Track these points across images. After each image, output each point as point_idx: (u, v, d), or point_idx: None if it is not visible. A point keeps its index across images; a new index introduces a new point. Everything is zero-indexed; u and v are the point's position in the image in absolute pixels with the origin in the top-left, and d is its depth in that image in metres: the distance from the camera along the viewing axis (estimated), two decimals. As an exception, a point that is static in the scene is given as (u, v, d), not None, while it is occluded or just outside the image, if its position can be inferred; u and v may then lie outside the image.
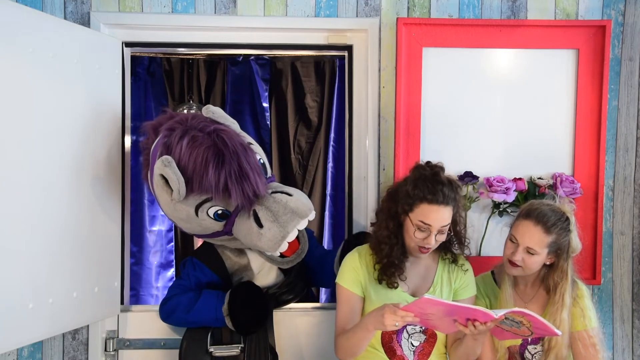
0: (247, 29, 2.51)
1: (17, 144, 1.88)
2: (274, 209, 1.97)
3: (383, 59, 2.50)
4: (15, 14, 1.88)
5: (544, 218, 1.93)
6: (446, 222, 1.90)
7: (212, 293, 2.15)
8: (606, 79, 2.46)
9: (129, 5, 2.45)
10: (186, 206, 2.00)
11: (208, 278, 2.21)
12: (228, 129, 2.03)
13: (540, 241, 1.92)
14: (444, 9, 2.49)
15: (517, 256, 1.95)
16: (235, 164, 1.94)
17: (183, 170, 1.93)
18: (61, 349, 2.46)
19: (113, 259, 2.34)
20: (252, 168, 1.97)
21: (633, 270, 2.57)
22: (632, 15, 2.53)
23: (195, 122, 2.01)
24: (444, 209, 1.88)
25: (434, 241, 1.91)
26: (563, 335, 1.92)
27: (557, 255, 1.96)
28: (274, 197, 2.00)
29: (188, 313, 2.13)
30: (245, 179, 1.94)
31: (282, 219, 1.97)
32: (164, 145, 1.98)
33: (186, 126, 1.99)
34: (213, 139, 1.94)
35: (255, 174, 1.97)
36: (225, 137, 1.96)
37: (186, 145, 1.93)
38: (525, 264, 1.95)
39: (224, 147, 1.94)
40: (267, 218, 1.97)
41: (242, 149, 1.99)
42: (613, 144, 2.55)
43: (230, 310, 2.08)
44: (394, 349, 1.99)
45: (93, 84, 2.20)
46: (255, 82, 3.86)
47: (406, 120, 2.45)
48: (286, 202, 1.98)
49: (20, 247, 1.89)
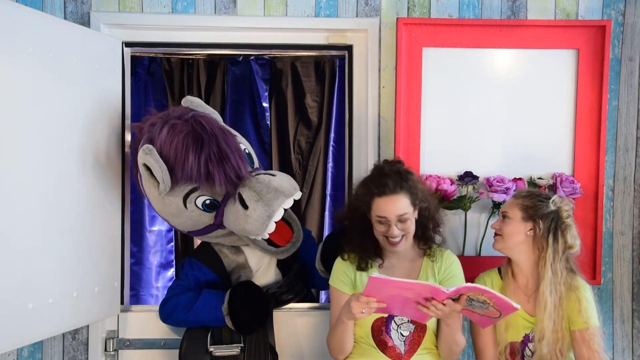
0: (247, 29, 2.51)
1: (16, 144, 1.88)
2: (257, 189, 1.99)
3: (383, 59, 2.50)
4: (15, 14, 1.88)
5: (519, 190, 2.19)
6: (402, 211, 1.95)
7: (211, 292, 2.15)
8: (606, 79, 2.46)
9: (129, 5, 2.45)
10: (174, 198, 2.02)
11: (207, 277, 2.22)
12: (207, 115, 2.07)
13: (510, 204, 2.07)
14: (444, 9, 2.49)
15: (495, 223, 2.09)
16: (214, 146, 1.96)
17: (165, 160, 1.96)
18: (61, 349, 2.46)
19: (113, 259, 2.34)
20: (231, 150, 2.00)
21: (633, 270, 2.57)
22: (632, 15, 2.53)
23: (175, 112, 2.06)
24: (394, 198, 1.94)
25: (397, 231, 1.96)
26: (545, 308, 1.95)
27: (535, 223, 2.01)
28: (257, 177, 2.03)
29: (188, 313, 2.13)
30: (226, 161, 1.97)
31: (266, 198, 1.98)
32: (147, 140, 2.01)
33: (166, 116, 2.04)
34: (191, 125, 1.97)
35: (235, 156, 2.00)
36: (203, 121, 2.00)
37: (166, 134, 1.96)
38: (502, 231, 2.03)
39: (202, 131, 1.97)
40: (252, 198, 1.98)
41: (221, 132, 2.02)
42: (613, 144, 2.55)
43: (230, 310, 2.08)
44: (385, 341, 2.00)
45: (93, 84, 2.20)
46: (255, 82, 3.86)
47: (406, 120, 2.45)
48: (269, 181, 2.00)
49: (20, 247, 1.89)
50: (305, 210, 3.81)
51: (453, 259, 2.10)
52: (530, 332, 2.04)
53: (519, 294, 2.05)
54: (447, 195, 2.41)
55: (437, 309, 1.79)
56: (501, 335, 2.05)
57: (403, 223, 1.96)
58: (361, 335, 2.04)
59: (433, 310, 1.79)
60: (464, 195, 2.44)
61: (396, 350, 2.00)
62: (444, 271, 2.05)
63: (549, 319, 1.96)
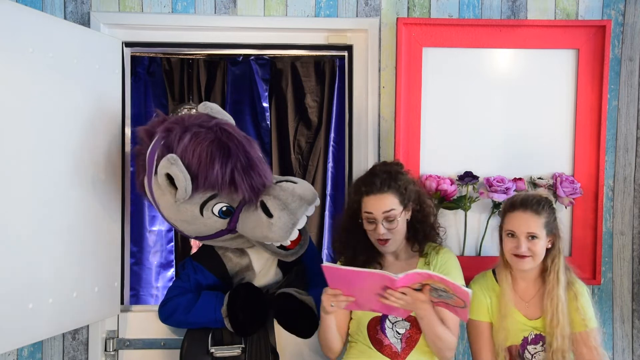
0: (247, 29, 2.51)
1: (16, 144, 1.88)
2: (282, 197, 1.98)
3: (383, 59, 2.50)
4: (15, 14, 1.88)
5: (529, 203, 1.99)
6: (387, 208, 1.96)
7: (211, 294, 2.15)
8: (606, 79, 2.45)
9: (129, 5, 2.45)
10: (191, 205, 1.99)
11: (209, 281, 2.21)
12: (229, 123, 2.05)
13: (536, 224, 1.97)
14: (444, 9, 2.49)
15: (522, 247, 1.97)
16: (242, 156, 1.94)
17: (187, 168, 1.92)
18: (61, 349, 2.46)
19: (113, 259, 2.34)
20: (258, 159, 1.99)
21: (633, 270, 2.57)
22: (632, 15, 2.53)
23: (194, 119, 2.00)
24: (380, 196, 1.96)
25: (383, 229, 1.96)
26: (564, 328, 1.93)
27: (553, 235, 2.00)
28: (281, 185, 2.02)
29: (187, 314, 2.13)
30: (254, 170, 1.96)
31: (292, 206, 1.98)
32: (164, 146, 1.96)
33: (184, 125, 1.98)
34: (216, 133, 1.94)
35: (262, 165, 2.00)
36: (229, 129, 1.97)
37: (189, 142, 1.92)
38: (532, 252, 1.97)
39: (229, 140, 1.94)
40: (277, 207, 1.97)
41: (247, 141, 2.00)
42: (613, 144, 2.55)
43: (230, 312, 2.07)
44: (381, 340, 2.01)
45: (93, 84, 2.20)
46: (255, 82, 3.86)
47: (406, 120, 2.45)
48: (293, 189, 2.00)
49: (20, 247, 1.89)
50: (305, 210, 3.80)
51: (448, 257, 2.08)
52: (529, 334, 2.03)
53: (516, 299, 2.04)
54: (447, 195, 2.41)
55: (397, 298, 1.78)
56: (499, 339, 2.04)
57: (390, 222, 1.97)
58: (358, 335, 2.05)
59: (393, 300, 1.79)
60: (464, 195, 2.44)
61: (392, 349, 2.00)
62: (439, 269, 2.04)
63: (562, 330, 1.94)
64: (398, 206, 1.98)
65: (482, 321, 2.07)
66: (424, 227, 2.07)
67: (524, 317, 2.03)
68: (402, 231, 2.02)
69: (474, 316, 2.08)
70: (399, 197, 1.98)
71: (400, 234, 2.01)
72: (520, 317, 2.03)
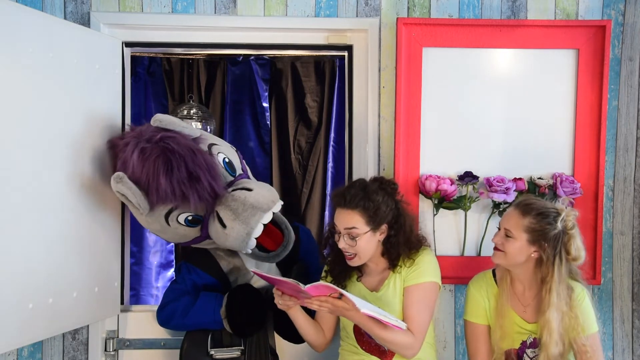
0: (247, 29, 2.51)
1: (16, 143, 1.88)
2: (233, 207, 1.97)
3: (383, 59, 2.50)
4: (15, 14, 1.88)
5: (524, 203, 1.97)
6: (349, 225, 1.94)
7: (210, 295, 2.15)
8: (606, 79, 2.45)
9: (129, 5, 2.45)
10: (156, 217, 2.02)
11: (204, 280, 2.20)
12: (175, 134, 2.00)
13: (516, 223, 1.93)
14: (444, 9, 2.49)
15: (496, 237, 1.98)
16: (183, 169, 1.93)
17: (139, 184, 1.95)
18: (61, 349, 2.46)
19: (113, 259, 2.34)
20: (202, 169, 1.96)
21: (633, 270, 2.57)
22: (632, 15, 2.53)
23: (145, 133, 2.01)
24: (346, 211, 1.95)
25: (343, 243, 1.96)
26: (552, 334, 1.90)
27: (541, 247, 1.92)
28: (233, 195, 1.99)
29: (186, 317, 2.13)
30: (197, 182, 1.94)
31: (243, 216, 1.96)
32: (121, 162, 2.00)
33: (136, 136, 2.00)
34: (160, 148, 1.94)
35: (206, 175, 1.96)
36: (171, 143, 1.95)
37: (137, 158, 1.94)
38: (505, 248, 1.95)
39: (171, 154, 1.93)
40: (228, 217, 1.97)
41: (190, 152, 1.96)
42: (613, 144, 2.55)
43: (228, 313, 2.07)
44: (368, 341, 2.03)
45: (93, 84, 2.20)
46: (255, 82, 3.86)
47: (406, 120, 2.45)
48: (244, 198, 1.97)
49: (20, 247, 1.89)
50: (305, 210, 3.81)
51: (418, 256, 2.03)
52: (528, 338, 2.02)
53: (515, 302, 2.03)
54: (447, 195, 2.41)
55: (317, 305, 1.83)
56: (497, 343, 2.03)
57: (351, 239, 1.95)
58: (347, 338, 2.08)
59: (315, 306, 1.84)
60: (464, 195, 2.44)
61: (380, 349, 2.01)
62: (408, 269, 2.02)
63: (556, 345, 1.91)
64: (363, 226, 1.94)
65: (479, 324, 2.07)
66: (399, 250, 2.01)
67: (522, 319, 2.02)
68: (368, 250, 1.98)
69: (471, 318, 2.08)
70: (366, 217, 1.94)
71: (365, 252, 1.98)
72: (517, 319, 2.02)
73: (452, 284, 2.50)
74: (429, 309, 2.00)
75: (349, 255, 1.99)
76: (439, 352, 2.45)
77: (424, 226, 2.46)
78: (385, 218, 1.97)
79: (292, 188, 3.84)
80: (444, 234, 2.49)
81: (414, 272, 2.00)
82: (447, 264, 2.42)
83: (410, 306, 1.98)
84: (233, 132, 3.91)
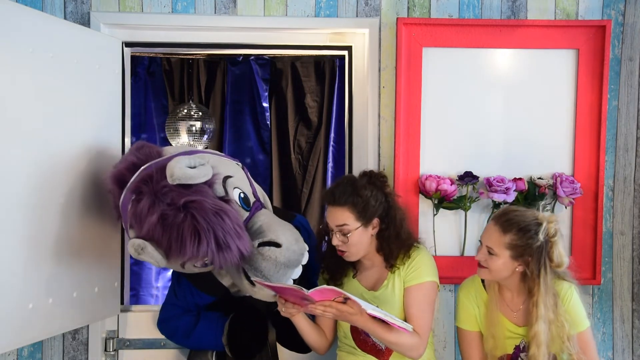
0: (247, 29, 2.51)
1: (17, 143, 1.87)
2: (264, 270, 1.85)
3: (383, 59, 2.50)
4: (15, 14, 1.88)
5: (504, 218, 1.91)
6: (340, 222, 1.94)
7: (211, 319, 2.12)
8: (606, 79, 2.46)
9: (129, 5, 2.45)
10: (171, 264, 1.91)
11: (206, 301, 2.17)
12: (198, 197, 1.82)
13: (497, 241, 1.89)
14: (444, 9, 2.49)
15: (479, 255, 1.95)
16: (212, 239, 1.78)
17: (158, 243, 1.80)
18: (61, 349, 2.46)
19: (113, 259, 2.34)
20: (232, 236, 1.81)
21: (633, 270, 2.57)
22: (632, 15, 2.53)
23: (162, 189, 1.81)
24: (335, 209, 1.95)
25: (336, 240, 1.96)
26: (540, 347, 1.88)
27: (525, 262, 1.90)
28: (262, 253, 1.85)
29: (187, 338, 2.12)
30: (227, 249, 1.80)
31: (275, 277, 1.86)
32: (134, 215, 1.84)
33: (153, 193, 1.82)
34: (184, 216, 1.78)
35: (236, 240, 1.81)
36: (197, 212, 1.78)
37: (156, 222, 1.78)
38: (488, 264, 1.92)
39: (198, 224, 1.77)
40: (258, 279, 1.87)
41: (218, 218, 1.80)
42: (613, 144, 2.55)
43: (230, 340, 2.05)
44: (365, 340, 2.02)
45: (93, 84, 2.20)
46: (255, 82, 3.87)
47: (406, 120, 2.45)
48: (276, 258, 1.84)
49: (20, 247, 1.89)
50: (305, 210, 3.81)
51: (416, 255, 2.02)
52: (520, 342, 2.01)
53: (504, 307, 2.01)
54: (447, 195, 2.41)
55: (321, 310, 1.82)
56: (490, 352, 2.02)
57: (343, 235, 1.95)
58: (344, 339, 2.08)
59: (319, 312, 1.83)
60: (464, 195, 2.44)
61: (377, 347, 2.01)
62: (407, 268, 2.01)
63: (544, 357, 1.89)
64: (353, 222, 1.93)
65: (471, 331, 2.06)
66: (390, 244, 2.00)
67: (513, 324, 2.00)
68: (361, 245, 1.98)
69: (462, 325, 2.07)
70: (355, 213, 1.93)
71: (358, 247, 1.97)
72: (508, 324, 2.00)
73: (452, 284, 2.50)
74: (431, 309, 2.00)
75: (341, 251, 1.99)
76: (438, 352, 2.46)
77: (424, 226, 2.46)
78: (375, 212, 1.97)
79: (292, 188, 3.85)
80: (444, 234, 2.49)
81: (413, 272, 2.00)
82: (447, 264, 2.42)
83: (413, 306, 1.98)
84: (233, 132, 3.91)
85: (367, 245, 2.00)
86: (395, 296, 2.00)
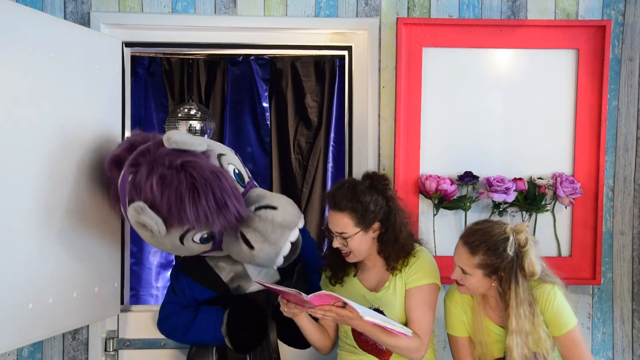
0: (247, 29, 2.51)
1: (17, 143, 1.87)
2: (262, 229, 1.90)
3: (383, 59, 2.50)
4: (15, 14, 1.88)
5: (470, 239, 1.88)
6: (340, 230, 1.94)
7: (209, 312, 2.12)
8: (606, 79, 2.46)
9: (129, 5, 2.45)
10: (170, 238, 1.94)
11: (205, 296, 2.16)
12: (194, 157, 1.90)
13: (467, 262, 1.88)
14: (444, 9, 2.49)
15: (454, 274, 1.94)
16: (210, 196, 1.83)
17: (158, 210, 1.85)
18: (61, 349, 2.46)
19: (113, 259, 2.34)
20: (229, 195, 1.87)
21: (633, 270, 2.57)
22: (632, 15, 2.53)
23: (160, 155, 1.88)
24: (336, 214, 1.95)
25: (336, 244, 1.97)
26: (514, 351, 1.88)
27: (499, 277, 1.88)
28: (259, 215, 1.91)
29: (187, 334, 2.11)
30: (225, 208, 1.85)
31: (273, 237, 1.91)
32: (133, 185, 1.89)
33: (151, 160, 1.88)
34: (183, 175, 1.84)
35: (233, 200, 1.88)
36: (194, 171, 1.85)
37: (156, 185, 1.83)
38: (465, 283, 1.92)
39: (196, 182, 1.83)
40: (257, 239, 1.91)
41: (215, 177, 1.87)
42: (613, 144, 2.55)
43: (229, 331, 2.06)
44: (366, 340, 2.02)
45: (93, 84, 2.20)
46: (255, 82, 3.86)
47: (406, 120, 2.45)
48: (272, 218, 1.91)
49: (20, 247, 1.89)
50: (305, 210, 3.81)
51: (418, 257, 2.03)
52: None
53: (489, 311, 2.00)
54: (447, 195, 2.41)
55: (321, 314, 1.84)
56: (479, 355, 2.01)
57: (344, 240, 1.95)
58: (345, 339, 2.08)
59: (320, 315, 1.85)
60: (464, 195, 2.44)
61: (378, 347, 2.01)
62: (408, 270, 2.01)
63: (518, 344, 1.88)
64: (352, 228, 1.93)
65: (461, 337, 2.05)
66: (389, 247, 2.00)
67: (499, 327, 1.98)
68: (362, 248, 1.98)
69: (452, 332, 2.07)
70: (355, 218, 1.93)
71: (359, 250, 1.98)
72: (495, 327, 1.99)
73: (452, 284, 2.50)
74: (432, 311, 2.00)
75: (345, 252, 1.99)
76: (438, 352, 2.45)
77: (424, 226, 2.46)
78: (376, 217, 1.96)
79: (292, 188, 3.84)
80: (444, 234, 2.49)
81: (415, 273, 2.00)
82: (447, 264, 2.41)
83: (414, 308, 1.98)
84: (233, 132, 3.91)
85: (369, 247, 2.00)
86: (396, 298, 2.00)
